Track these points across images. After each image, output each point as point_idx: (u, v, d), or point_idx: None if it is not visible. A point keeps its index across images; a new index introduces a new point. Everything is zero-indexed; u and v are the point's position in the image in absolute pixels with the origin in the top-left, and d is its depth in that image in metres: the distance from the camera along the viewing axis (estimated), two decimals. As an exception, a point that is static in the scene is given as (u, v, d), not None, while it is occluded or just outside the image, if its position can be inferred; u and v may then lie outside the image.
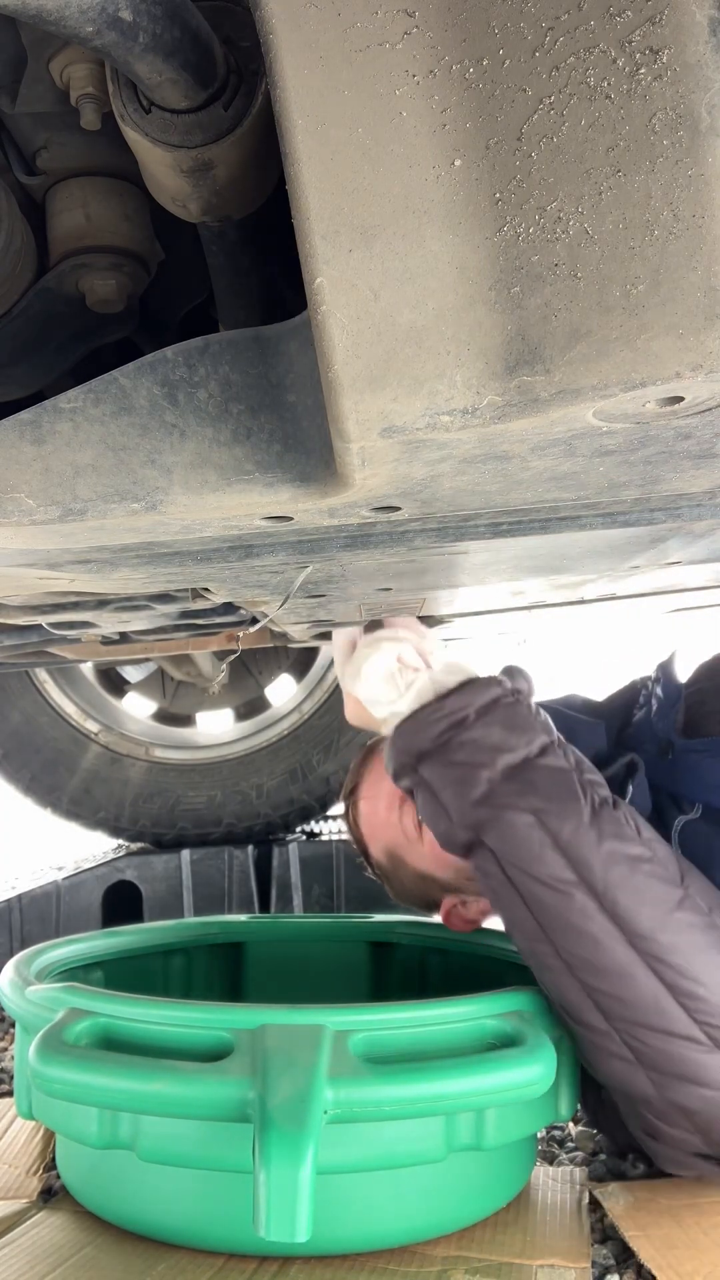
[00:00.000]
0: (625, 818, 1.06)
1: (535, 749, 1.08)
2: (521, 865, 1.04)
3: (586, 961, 1.01)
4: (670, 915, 1.00)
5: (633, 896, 1.01)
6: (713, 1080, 0.98)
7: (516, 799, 1.05)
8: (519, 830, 1.03)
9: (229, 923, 1.68)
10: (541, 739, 1.10)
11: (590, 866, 1.02)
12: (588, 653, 5.07)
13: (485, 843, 1.06)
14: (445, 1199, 1.05)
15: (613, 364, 0.47)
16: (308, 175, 0.47)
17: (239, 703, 2.86)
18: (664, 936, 0.99)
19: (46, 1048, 0.95)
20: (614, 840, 1.03)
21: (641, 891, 1.01)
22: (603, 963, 1.00)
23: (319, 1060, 0.92)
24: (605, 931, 1.01)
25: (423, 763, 1.10)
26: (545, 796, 1.04)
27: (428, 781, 1.10)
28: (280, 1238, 0.82)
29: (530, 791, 1.05)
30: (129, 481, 0.62)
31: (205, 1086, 0.90)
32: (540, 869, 1.03)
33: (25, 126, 0.74)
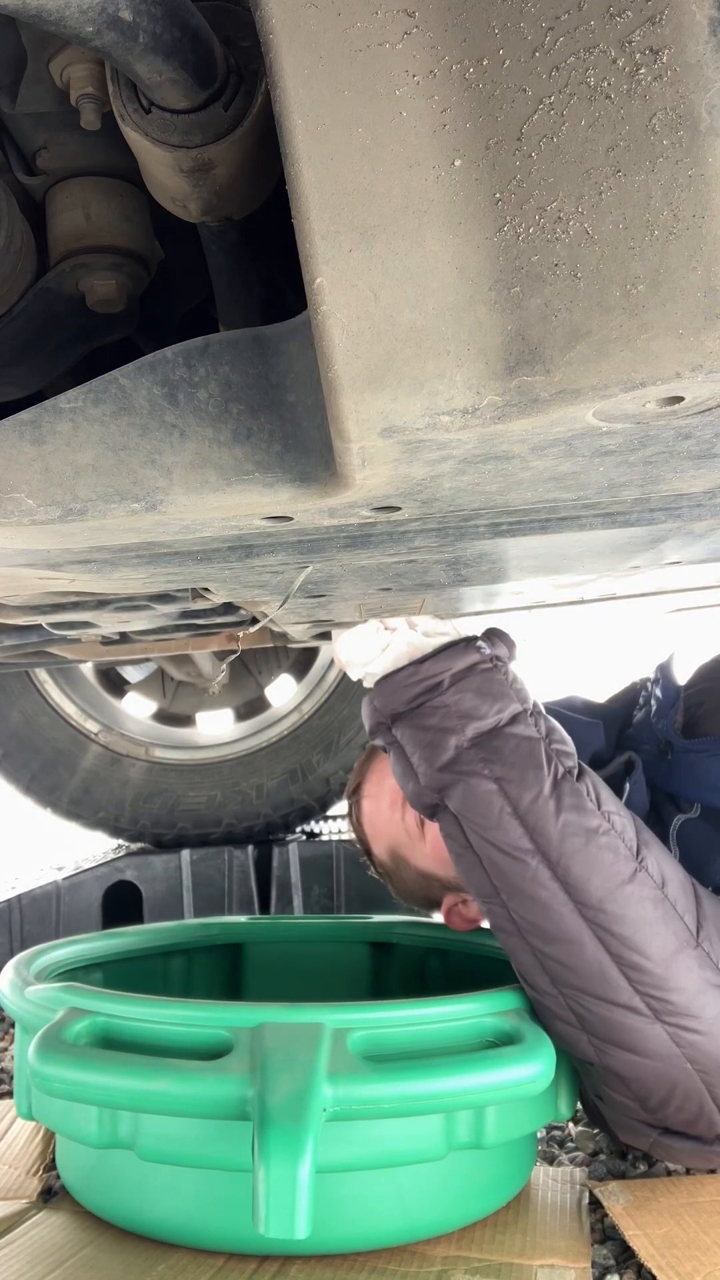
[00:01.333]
0: (588, 789, 1.08)
1: (506, 717, 1.11)
2: (482, 831, 1.07)
3: (537, 927, 1.04)
4: (621, 887, 1.03)
5: (584, 867, 1.03)
6: (649, 1049, 1.01)
7: (480, 766, 1.08)
8: (480, 797, 1.07)
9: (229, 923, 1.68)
10: (514, 707, 1.12)
11: (547, 836, 1.04)
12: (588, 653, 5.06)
13: (449, 806, 1.09)
14: (445, 1198, 1.05)
15: (613, 364, 0.47)
16: (308, 175, 0.47)
17: (239, 703, 2.86)
18: (612, 907, 1.02)
19: (46, 1047, 0.95)
20: (572, 812, 1.05)
21: (594, 863, 1.03)
22: (552, 929, 1.03)
23: (318, 1058, 0.92)
24: (556, 899, 1.04)
25: (397, 724, 1.14)
26: (508, 765, 1.07)
27: (400, 743, 1.13)
28: (280, 1235, 0.82)
29: (495, 759, 1.08)
30: (129, 481, 0.62)
31: (205, 1085, 0.90)
32: (499, 835, 1.06)
33: (25, 126, 0.74)
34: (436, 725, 1.10)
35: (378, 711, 1.17)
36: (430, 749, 1.10)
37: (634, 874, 1.04)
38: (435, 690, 1.12)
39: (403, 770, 1.14)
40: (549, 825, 1.05)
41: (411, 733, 1.12)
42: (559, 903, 1.03)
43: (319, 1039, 0.93)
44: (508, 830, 1.06)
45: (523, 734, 1.10)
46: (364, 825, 1.44)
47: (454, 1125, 0.99)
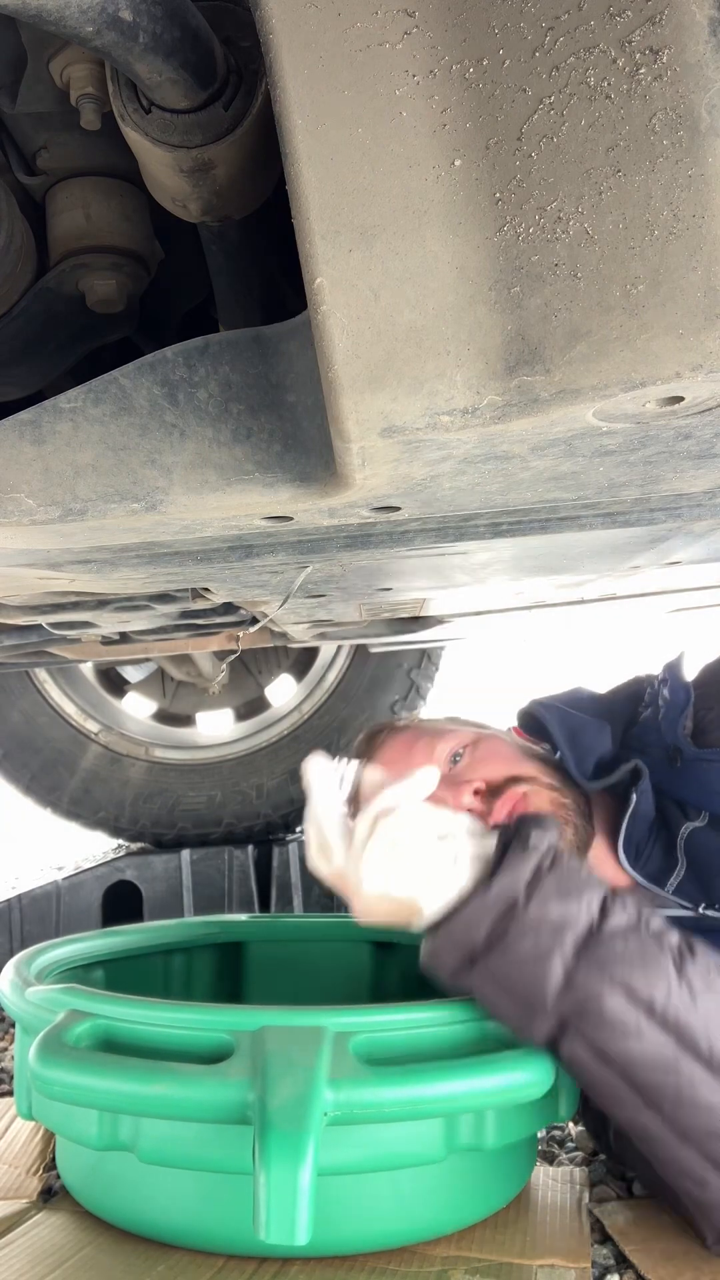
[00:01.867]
0: (705, 959, 0.97)
1: (597, 910, 0.97)
2: (618, 1048, 0.94)
3: (707, 1131, 0.94)
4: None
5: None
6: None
7: (598, 981, 0.93)
8: (611, 1015, 0.93)
9: (230, 922, 1.68)
10: (598, 894, 0.98)
11: (692, 1031, 0.93)
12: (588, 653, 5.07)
13: (579, 1033, 0.95)
14: (445, 1200, 1.05)
15: (613, 364, 0.47)
16: (308, 175, 0.47)
17: (239, 703, 2.86)
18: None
19: (46, 1050, 0.95)
20: (707, 994, 0.95)
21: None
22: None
23: (319, 1062, 0.92)
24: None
25: (478, 962, 0.97)
26: (628, 965, 0.94)
27: (491, 980, 0.97)
28: (280, 1240, 0.82)
29: (611, 964, 0.94)
30: (129, 481, 0.62)
31: (205, 1088, 0.90)
32: (639, 1047, 0.93)
33: (25, 126, 0.74)
34: (531, 952, 0.95)
35: (449, 954, 0.99)
36: (534, 982, 0.95)
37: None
38: (513, 911, 0.96)
39: (504, 1009, 0.99)
40: (691, 1018, 0.93)
41: (503, 967, 0.96)
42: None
43: (320, 1043, 0.93)
44: (648, 1039, 0.93)
45: (624, 924, 0.97)
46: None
47: (455, 1128, 0.99)
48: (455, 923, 0.97)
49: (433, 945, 1.00)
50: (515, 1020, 0.98)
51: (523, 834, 1.00)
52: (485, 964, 0.97)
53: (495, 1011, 1.00)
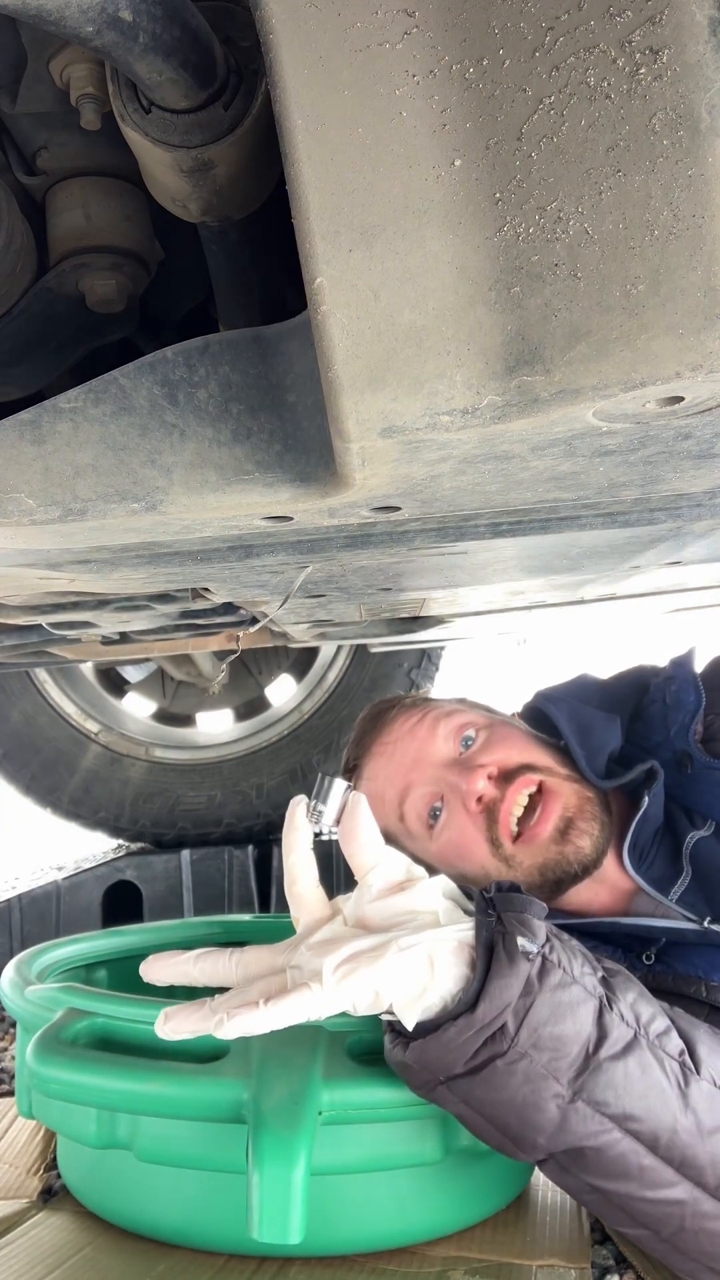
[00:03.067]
0: (710, 1068, 0.88)
1: (593, 1027, 0.85)
2: (615, 1186, 0.86)
3: (711, 1254, 0.87)
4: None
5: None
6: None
7: (595, 1120, 0.84)
8: (609, 1156, 0.84)
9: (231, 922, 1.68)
10: (593, 1002, 0.86)
11: (699, 1165, 0.85)
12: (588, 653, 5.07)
13: (565, 1167, 0.88)
14: (444, 1200, 1.05)
15: (613, 364, 0.47)
16: (308, 175, 0.47)
17: (239, 703, 2.87)
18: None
19: (44, 1048, 0.95)
20: (708, 1113, 0.85)
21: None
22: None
23: (314, 1062, 0.92)
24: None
25: (454, 1085, 0.85)
26: (629, 1096, 0.84)
27: (467, 1105, 0.86)
28: (272, 1239, 0.82)
29: (610, 1100, 0.84)
30: (129, 481, 0.62)
31: (201, 1088, 0.91)
32: (639, 1185, 0.85)
33: (25, 126, 0.74)
34: (520, 1091, 0.83)
35: (418, 1075, 0.87)
36: (522, 1122, 0.84)
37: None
38: (500, 1038, 0.83)
39: (479, 1132, 0.88)
40: (697, 1150, 0.84)
41: (486, 1098, 0.84)
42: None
43: (315, 1042, 0.93)
44: (650, 1176, 0.85)
45: (623, 1042, 0.85)
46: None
47: (452, 1129, 0.99)
48: (430, 1044, 0.84)
49: (398, 1056, 0.87)
50: (496, 1146, 0.89)
51: (509, 936, 0.86)
52: (463, 1090, 0.85)
53: (471, 1131, 0.89)
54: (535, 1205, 1.14)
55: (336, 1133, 0.93)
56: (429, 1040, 0.84)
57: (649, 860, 1.17)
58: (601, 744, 1.22)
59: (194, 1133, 0.95)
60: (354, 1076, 0.92)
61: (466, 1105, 0.86)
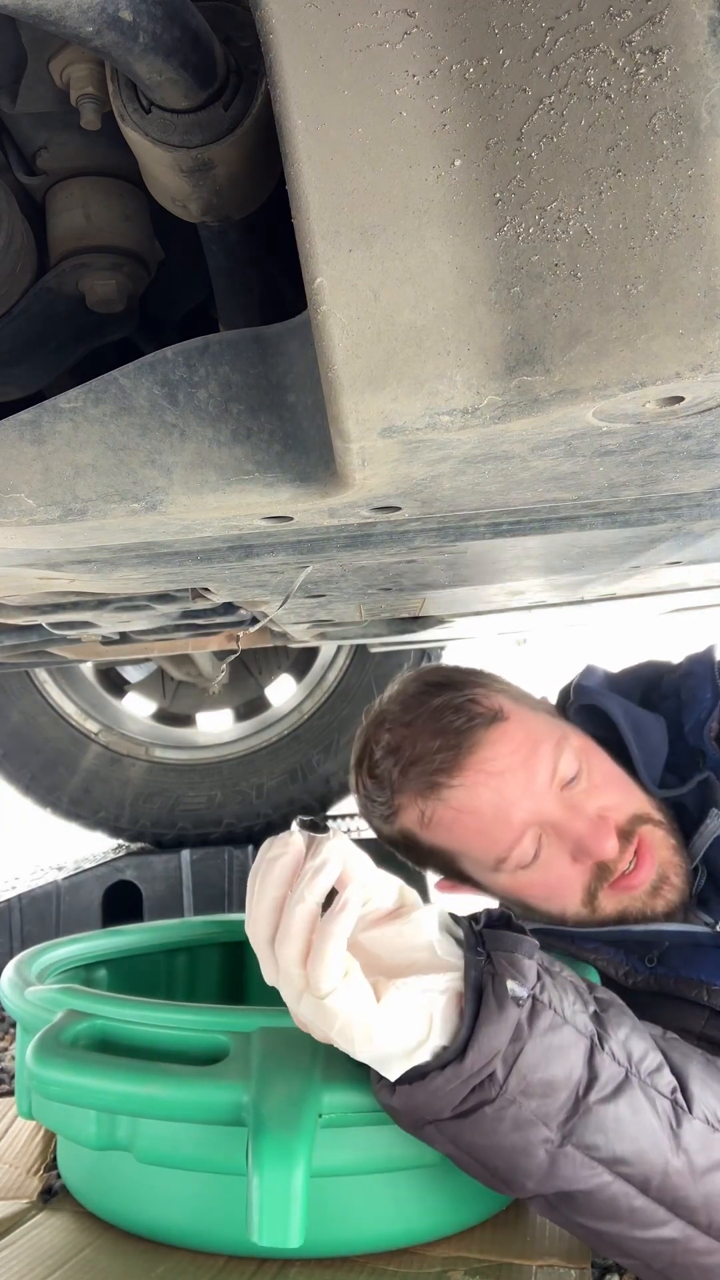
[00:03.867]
0: (703, 1106, 0.87)
1: (583, 1068, 0.83)
2: (606, 1225, 0.85)
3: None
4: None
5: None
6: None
7: (588, 1168, 0.82)
8: (598, 1195, 0.84)
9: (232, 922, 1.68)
10: (582, 1046, 0.84)
11: (690, 1205, 0.84)
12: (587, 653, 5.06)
13: (556, 1208, 0.87)
14: (444, 1201, 1.05)
15: (613, 364, 0.47)
16: (308, 175, 0.47)
17: (239, 703, 2.87)
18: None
19: (43, 1049, 0.95)
20: (701, 1153, 0.84)
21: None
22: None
23: (314, 1064, 0.92)
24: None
25: (443, 1125, 0.84)
26: (618, 1140, 0.82)
27: (454, 1146, 0.86)
28: (272, 1243, 0.82)
29: (600, 1144, 0.82)
30: (129, 481, 0.62)
31: (200, 1090, 0.90)
32: (630, 1226, 0.85)
33: (25, 126, 0.74)
34: (508, 1138, 0.82)
35: (404, 1117, 0.86)
36: (510, 1167, 0.83)
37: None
38: (489, 1085, 0.81)
39: (467, 1169, 0.88)
40: (689, 1191, 0.83)
41: (473, 1142, 0.83)
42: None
43: (316, 1045, 0.93)
44: (641, 1217, 0.84)
45: (613, 1083, 0.83)
46: (422, 836, 1.23)
47: (454, 1126, 0.99)
48: (417, 1091, 0.82)
49: (384, 1099, 0.85)
50: (485, 1183, 0.88)
51: (499, 979, 0.83)
52: (451, 1132, 0.84)
53: (460, 1168, 0.88)
54: (535, 1205, 1.14)
55: (336, 1135, 0.93)
56: (415, 1087, 0.82)
57: None
58: (657, 748, 1.19)
59: (194, 1135, 0.95)
60: (354, 1079, 0.92)
61: (454, 1146, 0.85)
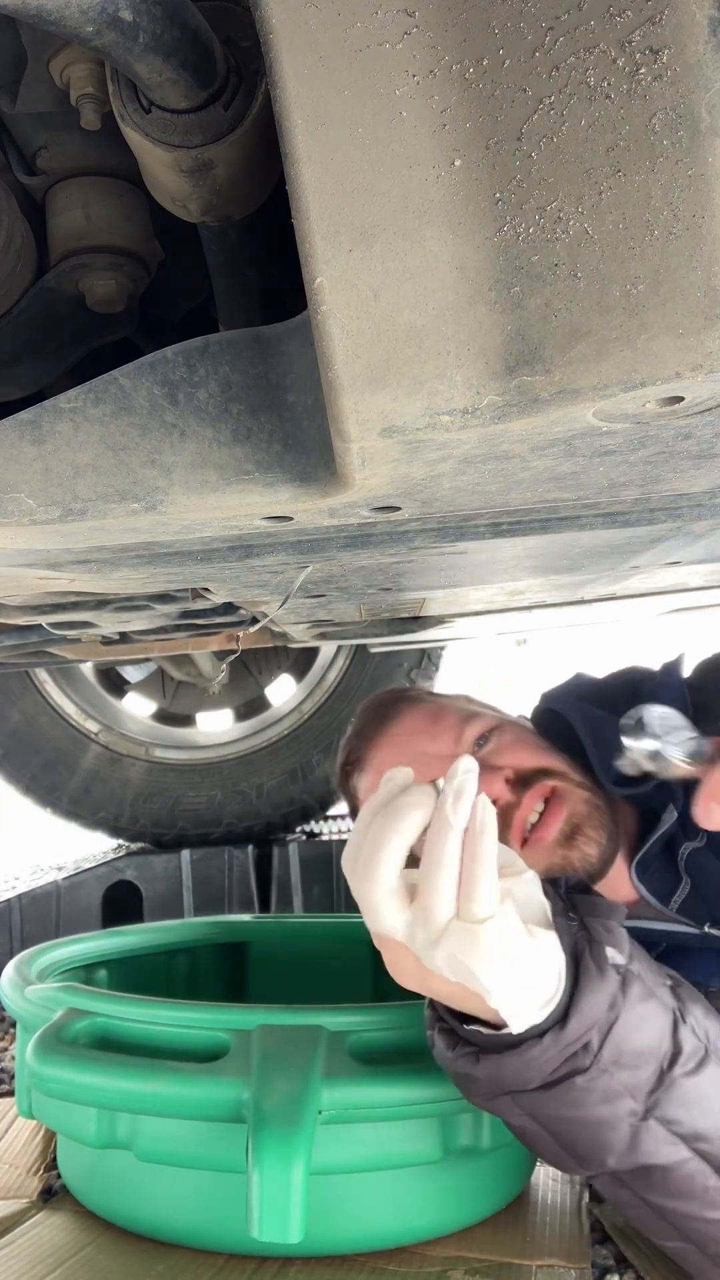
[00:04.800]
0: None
1: (670, 1041, 0.82)
2: (677, 1204, 0.84)
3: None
4: None
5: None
6: None
7: (666, 1141, 0.81)
8: (675, 1176, 0.83)
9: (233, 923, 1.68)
10: (667, 1019, 0.82)
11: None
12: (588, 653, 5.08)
13: (627, 1185, 0.85)
14: (444, 1200, 1.05)
15: (613, 364, 0.47)
16: (308, 175, 0.47)
17: (239, 703, 2.87)
18: None
19: (44, 1047, 0.95)
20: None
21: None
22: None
23: (314, 1061, 0.92)
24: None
25: (521, 1096, 0.81)
26: (700, 1114, 0.81)
27: (532, 1119, 0.82)
28: (272, 1239, 0.82)
29: (681, 1118, 0.81)
30: (129, 481, 0.62)
31: (201, 1087, 0.91)
32: (701, 1205, 0.84)
33: (25, 126, 0.74)
34: (597, 1105, 0.80)
35: (483, 1086, 0.82)
36: (592, 1142, 0.81)
37: None
38: (584, 1055, 0.78)
39: (537, 1145, 0.86)
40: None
41: (557, 1114, 0.81)
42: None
43: (316, 1042, 0.93)
44: (715, 1197, 0.83)
45: (694, 1058, 0.82)
46: (359, 797, 1.29)
47: (451, 1128, 0.99)
48: (510, 1060, 0.78)
49: (464, 1068, 0.82)
50: (553, 1160, 0.86)
51: (597, 945, 0.82)
52: (531, 1103, 0.81)
53: (527, 1144, 0.86)
54: (535, 1205, 1.14)
55: (336, 1132, 0.93)
56: (507, 1056, 0.78)
57: (653, 869, 1.16)
58: (613, 749, 1.21)
59: (194, 1132, 0.96)
60: (354, 1076, 0.92)
61: (532, 1119, 0.82)
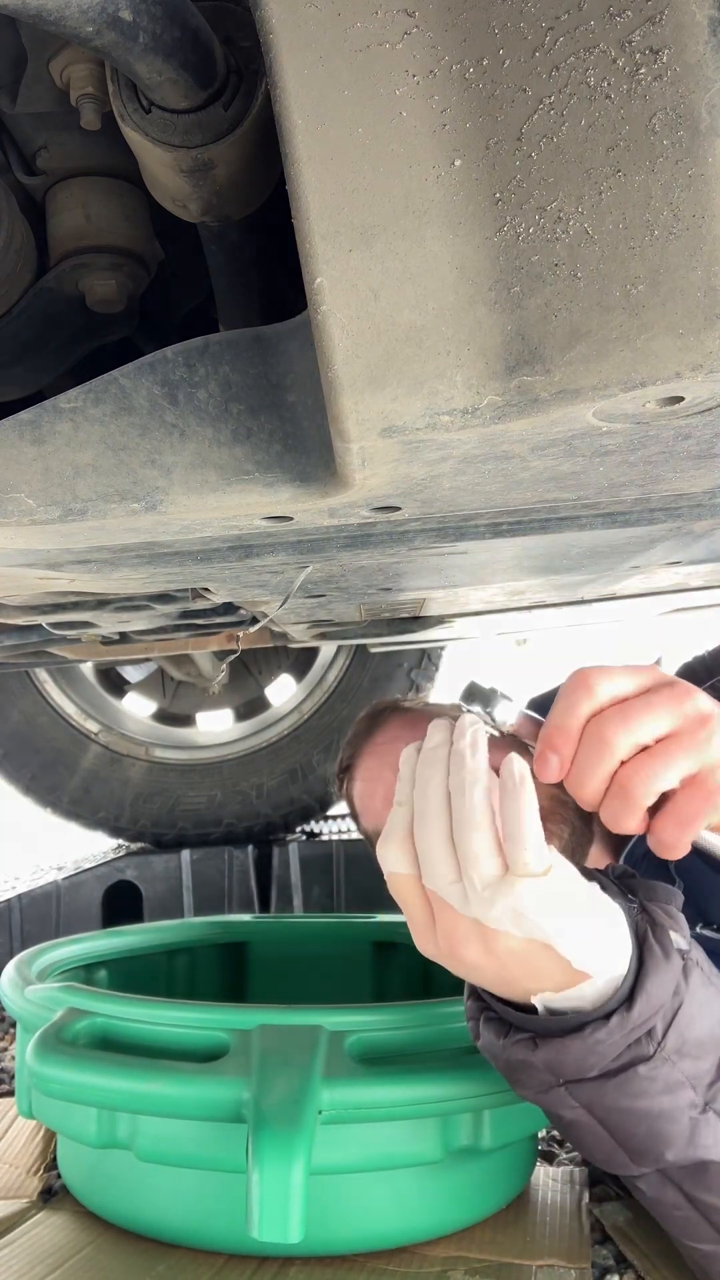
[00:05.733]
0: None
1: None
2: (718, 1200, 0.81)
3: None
4: None
5: None
6: None
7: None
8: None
9: (233, 923, 1.68)
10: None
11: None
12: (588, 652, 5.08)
13: (674, 1183, 0.82)
14: (444, 1200, 1.05)
15: (613, 364, 0.47)
16: (308, 175, 0.47)
17: (239, 703, 2.87)
18: None
19: (44, 1047, 0.95)
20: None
21: None
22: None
23: (314, 1061, 0.92)
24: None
25: (578, 1087, 0.77)
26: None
27: (585, 1110, 0.79)
28: (272, 1238, 0.82)
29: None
30: (129, 481, 0.62)
31: (201, 1087, 0.91)
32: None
33: (25, 126, 0.74)
34: (659, 1096, 0.76)
35: (537, 1073, 0.78)
36: (650, 1135, 0.77)
37: None
38: (647, 1042, 0.75)
39: (590, 1142, 0.81)
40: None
41: (617, 1105, 0.77)
42: None
43: (316, 1041, 0.93)
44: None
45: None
46: (355, 801, 1.31)
47: (451, 1128, 0.99)
48: (573, 1044, 0.74)
49: (520, 1055, 0.78)
50: (603, 1157, 0.81)
51: (660, 928, 0.79)
52: (590, 1094, 0.77)
53: (577, 1140, 0.82)
54: (535, 1205, 1.14)
55: (336, 1132, 0.93)
56: (569, 1040, 0.74)
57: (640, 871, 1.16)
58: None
59: (194, 1132, 0.96)
60: (354, 1076, 0.92)
61: (589, 1112, 0.78)
